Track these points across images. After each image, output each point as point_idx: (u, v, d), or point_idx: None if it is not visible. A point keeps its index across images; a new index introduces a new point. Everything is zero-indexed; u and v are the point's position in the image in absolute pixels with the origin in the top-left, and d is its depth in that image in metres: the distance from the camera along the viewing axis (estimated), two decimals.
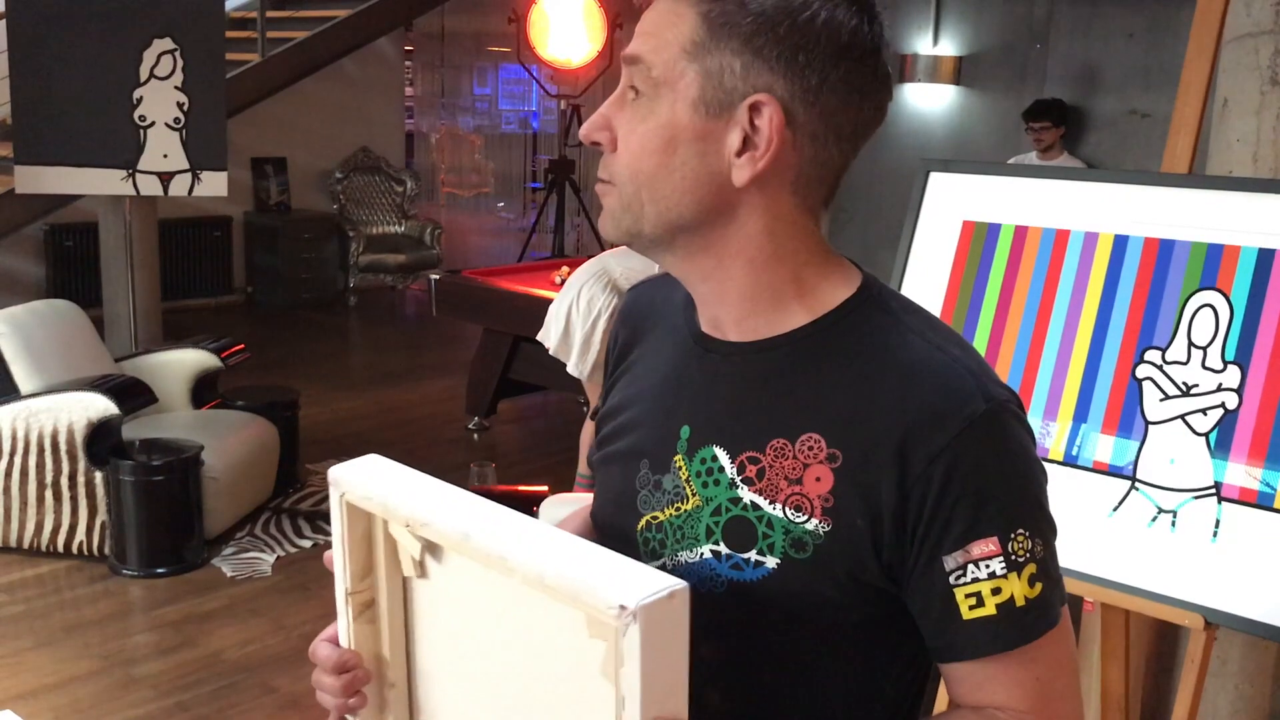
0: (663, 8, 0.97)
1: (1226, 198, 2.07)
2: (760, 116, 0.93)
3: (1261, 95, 2.48)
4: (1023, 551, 0.92)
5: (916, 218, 2.43)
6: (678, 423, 1.03)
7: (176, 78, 5.13)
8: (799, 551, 0.95)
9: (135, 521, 3.92)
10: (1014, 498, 0.94)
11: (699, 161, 0.95)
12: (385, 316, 8.77)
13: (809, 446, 0.95)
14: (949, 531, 0.92)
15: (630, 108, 0.97)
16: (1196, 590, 1.95)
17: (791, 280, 0.99)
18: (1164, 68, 5.95)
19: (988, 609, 0.92)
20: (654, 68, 0.95)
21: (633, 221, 0.98)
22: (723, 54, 0.93)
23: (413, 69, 10.50)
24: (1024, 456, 0.95)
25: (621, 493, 1.07)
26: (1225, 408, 1.97)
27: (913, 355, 0.96)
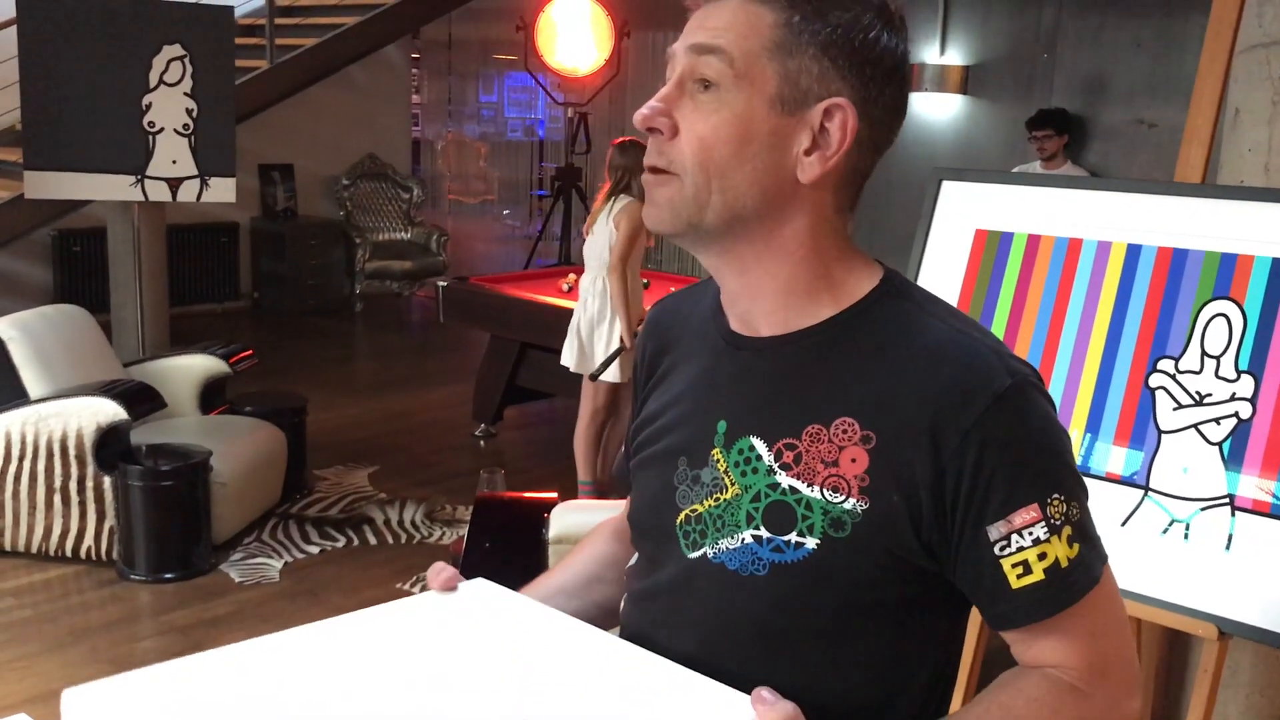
0: (734, 7, 1.00)
1: (1240, 207, 2.07)
2: (832, 120, 1.00)
3: (1273, 105, 2.48)
4: (1059, 515, 0.97)
5: (929, 226, 2.43)
6: (714, 418, 1.07)
7: (186, 84, 5.15)
8: (838, 531, 0.99)
9: (143, 527, 3.92)
10: (1046, 464, 0.98)
11: (769, 156, 1.00)
12: (391, 323, 8.78)
13: (843, 430, 1.00)
14: (989, 503, 0.96)
15: (697, 98, 1.00)
16: (1210, 600, 1.95)
17: (823, 275, 1.05)
18: (1171, 78, 5.95)
19: (1036, 575, 0.97)
20: (736, 60, 0.98)
21: (696, 211, 1.01)
22: (802, 57, 0.99)
23: (420, 76, 10.52)
24: (1050, 424, 1.00)
25: (658, 491, 1.11)
26: (1239, 417, 1.97)
27: (937, 338, 1.01)
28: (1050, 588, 0.97)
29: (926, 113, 7.04)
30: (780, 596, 1.02)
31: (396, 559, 4.20)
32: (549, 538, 2.52)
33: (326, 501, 4.74)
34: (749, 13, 0.99)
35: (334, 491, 4.85)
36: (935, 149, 6.97)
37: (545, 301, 5.30)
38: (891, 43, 1.01)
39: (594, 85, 8.16)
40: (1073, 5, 6.35)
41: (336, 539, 4.37)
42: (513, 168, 11.18)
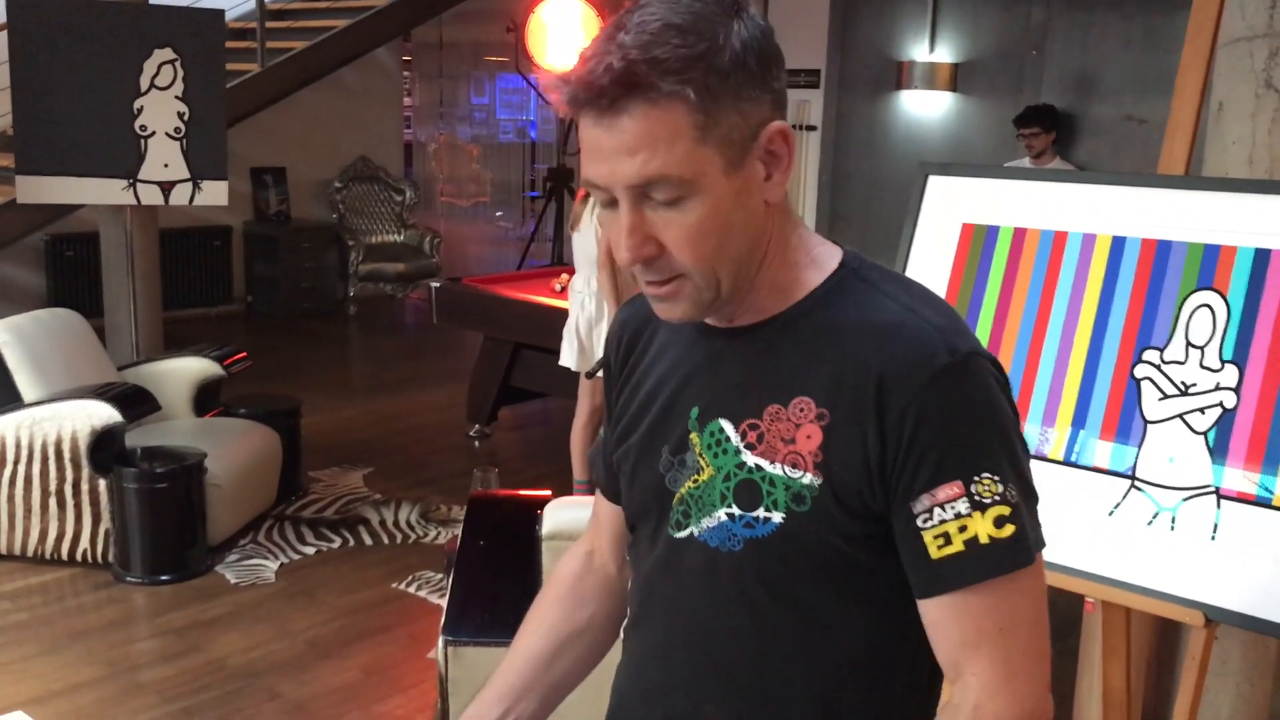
0: (640, 118, 0.97)
1: (1223, 199, 2.09)
2: (775, 142, 1.02)
3: (1256, 98, 2.50)
4: (988, 494, 0.99)
5: (916, 221, 2.45)
6: (688, 405, 1.12)
7: (177, 88, 5.15)
8: (799, 505, 1.03)
9: (139, 529, 3.93)
10: (979, 443, 1.00)
11: (745, 212, 1.03)
12: (385, 325, 8.79)
13: (800, 409, 1.04)
14: (918, 477, 1.00)
15: (662, 213, 1.00)
16: (1196, 587, 1.97)
17: (789, 267, 1.09)
18: (1159, 74, 5.98)
19: (955, 546, 1.00)
20: (683, 174, 0.98)
21: (713, 294, 1.04)
22: (725, 117, 0.98)
23: (411, 79, 10.53)
24: (989, 405, 1.02)
25: (651, 484, 1.16)
26: (1223, 406, 1.99)
27: (886, 317, 1.04)
28: (969, 558, 0.99)
29: (916, 110, 7.07)
30: (757, 569, 1.06)
31: (392, 559, 4.21)
32: (542, 534, 2.53)
33: (322, 503, 4.75)
34: (662, 117, 0.96)
35: (329, 493, 4.86)
36: (925, 146, 7.00)
37: (539, 302, 5.32)
38: (757, 31, 1.00)
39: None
40: (1061, 2, 6.38)
41: (332, 540, 4.38)
42: (505, 169, 11.20)
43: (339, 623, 3.70)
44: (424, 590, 3.96)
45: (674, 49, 0.96)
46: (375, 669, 3.42)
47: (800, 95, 7.43)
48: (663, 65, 0.95)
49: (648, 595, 1.19)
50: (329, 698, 3.25)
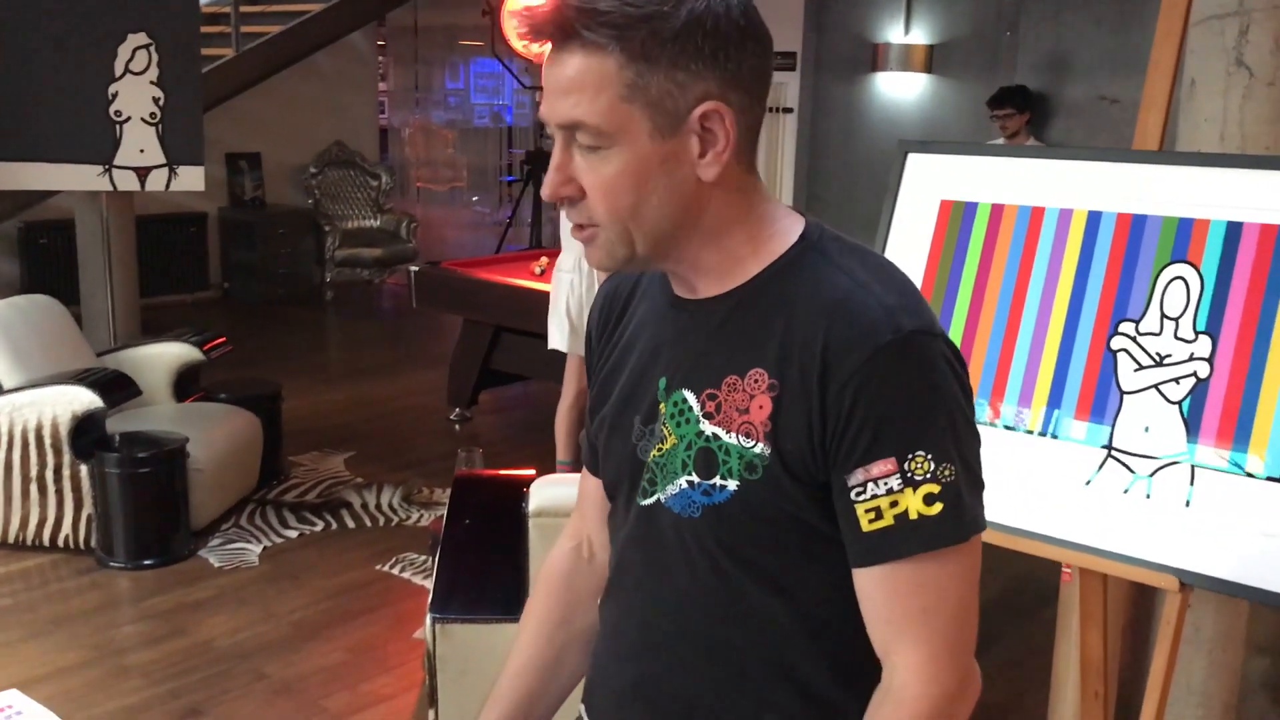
0: (576, 62, 1.01)
1: (1196, 173, 2.13)
2: (711, 120, 1.03)
3: (1227, 75, 2.55)
4: (922, 472, 1.00)
5: (895, 198, 2.48)
6: (657, 375, 1.15)
7: (152, 73, 5.12)
8: (752, 474, 1.06)
9: (121, 514, 3.93)
10: (916, 421, 1.01)
11: (670, 179, 1.04)
12: (362, 310, 8.78)
13: (754, 380, 1.06)
14: (854, 450, 1.01)
15: (586, 158, 1.04)
16: (1171, 553, 2.01)
17: (748, 240, 1.10)
18: (1132, 54, 6.03)
19: (886, 520, 1.01)
20: (599, 123, 1.01)
21: (626, 251, 1.07)
22: (658, 82, 1.00)
23: (386, 63, 10.49)
24: (930, 384, 1.02)
25: (624, 454, 1.18)
26: (1197, 376, 2.03)
27: (837, 293, 1.05)
28: (898, 532, 1.01)
29: (892, 92, 7.11)
30: (716, 535, 1.09)
31: (375, 542, 4.23)
32: (529, 511, 2.56)
33: (303, 487, 4.76)
34: (593, 64, 1.00)
35: (310, 477, 4.87)
36: (901, 128, 7.04)
37: (519, 285, 5.33)
38: (726, 7, 1.01)
39: None
40: None
41: (314, 523, 4.39)
42: (481, 154, 11.17)
43: (324, 604, 3.72)
44: (408, 572, 3.98)
45: (620, 5, 0.99)
46: (361, 649, 3.44)
47: (776, 78, 7.45)
48: (601, 17, 0.99)
49: (620, 562, 1.22)
50: (316, 678, 3.27)
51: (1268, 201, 2.05)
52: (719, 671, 1.13)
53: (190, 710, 3.10)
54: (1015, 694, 3.31)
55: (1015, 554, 2.21)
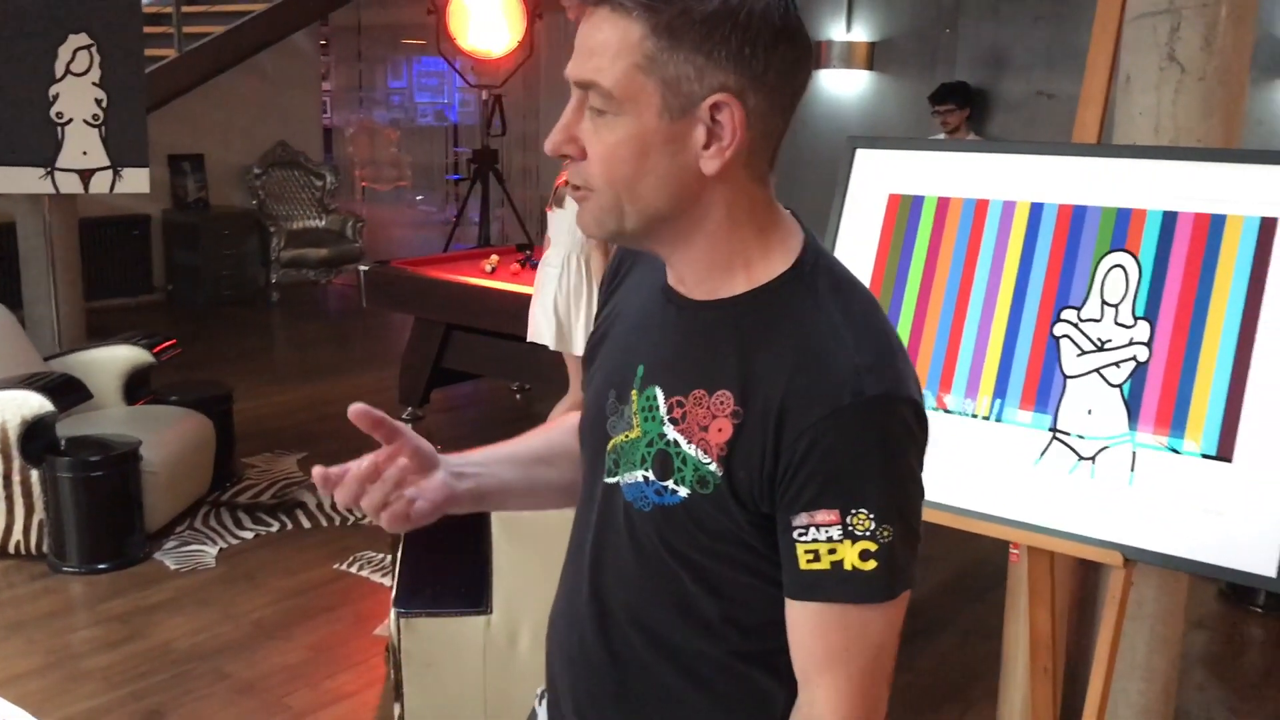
0: (605, 25, 1.03)
1: (1133, 165, 2.22)
2: (721, 113, 1.03)
3: (1160, 71, 2.64)
4: (862, 528, 1.03)
5: (845, 193, 2.55)
6: (636, 360, 1.17)
7: (94, 74, 5.07)
8: (703, 487, 1.09)
9: (74, 518, 3.90)
10: (862, 482, 1.03)
11: (670, 161, 1.04)
12: (309, 311, 8.73)
13: (720, 400, 1.08)
14: (800, 497, 1.04)
15: (593, 120, 1.05)
16: (1115, 530, 2.10)
17: (740, 253, 1.10)
18: (1068, 50, 6.18)
19: (822, 564, 1.04)
20: (612, 88, 1.02)
21: (616, 222, 1.08)
22: (677, 62, 1.01)
23: (329, 63, 10.43)
24: (882, 448, 1.04)
25: (597, 416, 1.21)
26: (1136, 360, 2.12)
27: (813, 340, 1.06)
28: (832, 578, 1.04)
29: (834, 89, 7.21)
30: (661, 533, 1.13)
31: (331, 541, 4.24)
32: None
33: (257, 488, 4.74)
34: (619, 29, 1.02)
35: (263, 478, 4.86)
36: (844, 123, 7.14)
37: (471, 283, 5.35)
38: (766, 8, 1.02)
39: (507, 68, 8.19)
40: None
41: (270, 524, 4.39)
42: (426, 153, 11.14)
43: (283, 604, 3.72)
44: (366, 570, 3.99)
45: None
46: (322, 647, 3.45)
47: None
48: None
49: (581, 525, 1.27)
50: (278, 676, 3.28)
51: (1200, 191, 2.15)
52: (650, 655, 1.18)
53: (152, 712, 3.09)
54: (968, 675, 3.40)
55: (966, 539, 2.28)
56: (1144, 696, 2.91)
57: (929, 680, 3.35)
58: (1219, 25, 2.60)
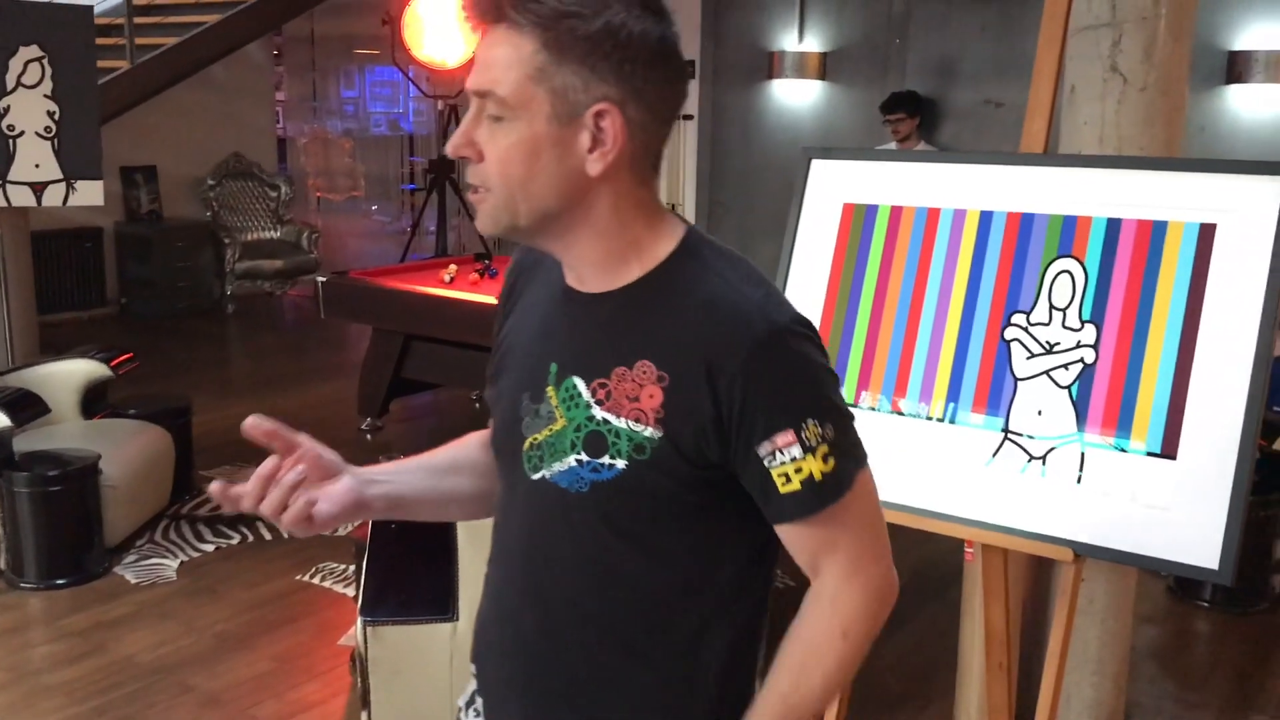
0: (501, 40, 1.14)
1: (1078, 174, 2.30)
2: (604, 120, 1.15)
3: (1104, 82, 2.73)
4: (814, 437, 1.17)
5: (801, 203, 2.61)
6: (548, 360, 1.26)
7: (45, 86, 5.04)
8: (640, 454, 1.18)
9: (33, 534, 3.88)
10: (798, 398, 1.17)
11: (558, 163, 1.16)
12: (265, 323, 8.69)
13: (643, 371, 1.19)
14: (756, 429, 1.16)
15: (490, 126, 1.16)
16: (1065, 526, 2.16)
17: (631, 244, 1.22)
18: (1014, 59, 6.31)
19: (794, 485, 1.17)
20: (506, 96, 1.14)
21: (510, 218, 1.19)
22: (564, 74, 1.13)
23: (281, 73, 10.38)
24: (803, 364, 1.18)
25: (510, 421, 1.30)
26: (1084, 362, 2.19)
27: (712, 293, 1.19)
28: (806, 495, 1.17)
29: (788, 98, 7.30)
30: (601, 509, 1.22)
31: (294, 552, 4.23)
32: None
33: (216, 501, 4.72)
34: (513, 44, 1.13)
35: None
36: (798, 132, 7.24)
37: (429, 293, 5.36)
38: (647, 30, 1.14)
39: (463, 77, 8.19)
40: None
41: (231, 536, 4.38)
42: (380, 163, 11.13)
43: (246, 616, 3.72)
44: (329, 580, 3.99)
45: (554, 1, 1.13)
46: (286, 658, 3.46)
47: None
48: (530, 6, 1.12)
49: (504, 530, 1.34)
50: (243, 688, 3.28)
51: (1143, 199, 2.22)
52: (590, 637, 1.26)
53: None
54: (925, 673, 3.47)
55: (922, 540, 2.34)
56: (1096, 690, 2.99)
57: (888, 677, 3.42)
58: (1158, 37, 2.69)
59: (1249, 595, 3.97)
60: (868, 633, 1.24)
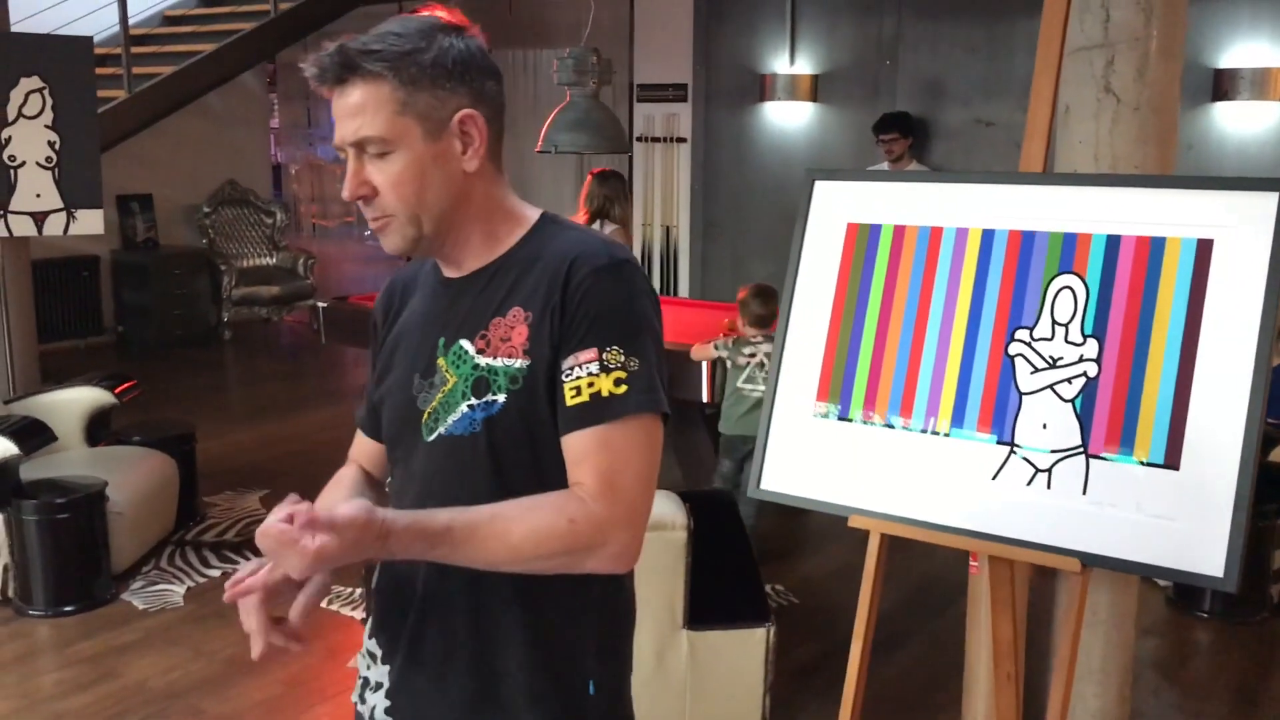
0: (359, 90, 1.31)
1: (1077, 192, 2.35)
2: (467, 124, 1.36)
3: (1098, 102, 2.79)
4: (614, 361, 1.31)
5: (805, 224, 2.66)
6: (435, 337, 1.43)
7: (46, 116, 5.08)
8: (514, 385, 1.35)
9: (40, 561, 3.90)
10: (614, 322, 1.33)
11: (443, 172, 1.35)
12: (262, 349, 8.71)
13: (514, 315, 1.37)
14: (570, 341, 1.33)
15: (375, 163, 1.34)
16: (1072, 538, 2.21)
17: (502, 222, 1.43)
18: (1003, 79, 6.39)
19: (583, 397, 1.31)
20: (382, 134, 1.31)
21: (415, 231, 1.36)
22: (423, 99, 1.32)
23: (276, 100, 10.43)
24: (629, 299, 1.35)
25: (404, 405, 1.44)
26: (1087, 376, 2.24)
27: (568, 242, 1.40)
28: (591, 407, 1.31)
29: (780, 120, 7.37)
30: (493, 443, 1.36)
31: None
32: None
33: (221, 526, 4.75)
34: (372, 90, 1.31)
35: (227, 516, 4.86)
36: (790, 154, 7.30)
37: None
38: (466, 46, 1.35)
39: None
40: (911, 14, 6.75)
41: (237, 561, 4.40)
42: None
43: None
44: (337, 604, 4.02)
45: (388, 44, 1.32)
46: (297, 682, 3.48)
47: (669, 109, 7.68)
48: (376, 54, 1.30)
49: (403, 495, 1.45)
50: (254, 712, 3.30)
51: (1141, 216, 2.28)
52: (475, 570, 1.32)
53: None
54: (931, 685, 3.50)
55: (923, 556, 2.39)
56: (1100, 700, 3.02)
57: (893, 690, 3.45)
58: (1150, 57, 2.75)
59: (1248, 605, 4.01)
60: (574, 546, 1.28)
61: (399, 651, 1.45)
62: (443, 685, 1.42)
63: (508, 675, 1.39)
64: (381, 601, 1.50)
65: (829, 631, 3.85)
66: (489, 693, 1.40)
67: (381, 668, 1.48)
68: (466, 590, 1.38)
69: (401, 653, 1.45)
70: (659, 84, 7.71)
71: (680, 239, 7.80)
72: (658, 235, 7.83)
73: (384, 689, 1.48)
